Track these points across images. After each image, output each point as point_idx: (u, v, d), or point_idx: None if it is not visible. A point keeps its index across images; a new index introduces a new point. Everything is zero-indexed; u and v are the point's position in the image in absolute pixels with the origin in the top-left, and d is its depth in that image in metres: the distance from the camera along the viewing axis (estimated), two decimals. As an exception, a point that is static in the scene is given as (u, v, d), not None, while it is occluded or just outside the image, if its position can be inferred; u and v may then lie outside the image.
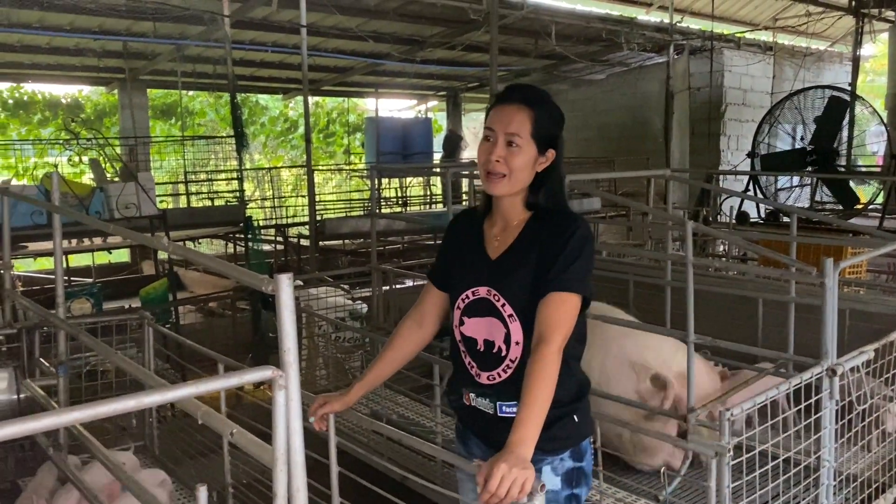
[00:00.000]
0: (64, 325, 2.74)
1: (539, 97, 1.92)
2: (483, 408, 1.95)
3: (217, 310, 8.82)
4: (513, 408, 1.86)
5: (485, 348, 1.93)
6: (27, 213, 5.60)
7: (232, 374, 1.27)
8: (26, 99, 18.48)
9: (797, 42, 14.14)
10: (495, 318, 1.90)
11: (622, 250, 5.92)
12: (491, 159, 1.86)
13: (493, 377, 1.93)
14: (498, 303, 1.90)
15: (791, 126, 9.38)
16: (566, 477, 1.91)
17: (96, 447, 2.28)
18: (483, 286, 1.93)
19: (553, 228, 1.87)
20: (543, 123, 1.88)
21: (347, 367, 5.06)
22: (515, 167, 1.86)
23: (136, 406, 1.11)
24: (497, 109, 1.91)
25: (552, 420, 1.81)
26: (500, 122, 1.88)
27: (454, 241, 2.08)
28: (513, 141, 1.86)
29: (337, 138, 22.63)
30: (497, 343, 1.90)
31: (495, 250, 1.94)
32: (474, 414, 1.98)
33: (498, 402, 1.92)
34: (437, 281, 2.10)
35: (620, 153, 13.94)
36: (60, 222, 2.85)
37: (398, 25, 10.77)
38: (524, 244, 1.91)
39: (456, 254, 2.04)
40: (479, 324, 1.93)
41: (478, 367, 1.96)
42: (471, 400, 1.98)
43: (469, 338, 1.96)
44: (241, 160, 9.16)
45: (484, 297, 1.92)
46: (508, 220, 1.95)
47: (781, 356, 3.18)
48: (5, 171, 13.01)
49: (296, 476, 1.33)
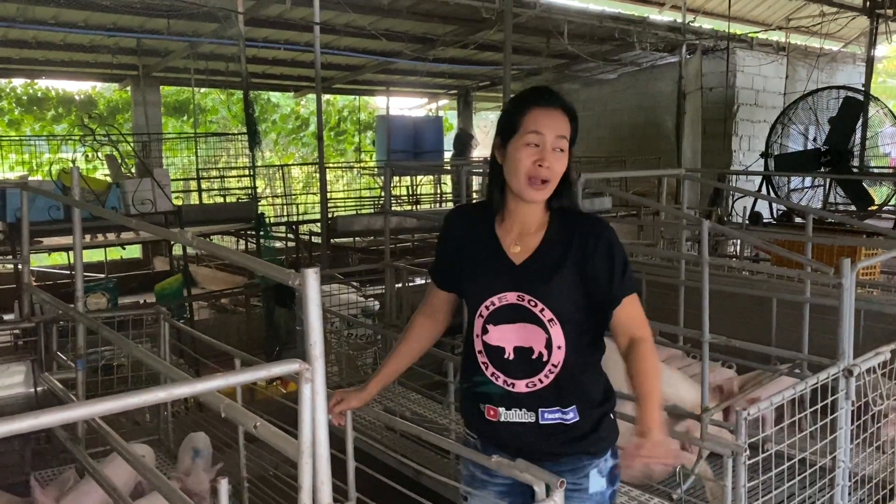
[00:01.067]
0: (84, 320, 2.76)
1: (570, 101, 1.93)
2: (520, 419, 1.87)
3: (229, 306, 8.88)
4: (555, 413, 1.86)
5: (516, 356, 1.86)
6: (44, 209, 5.64)
7: (258, 368, 1.28)
8: (40, 95, 18.60)
9: (810, 42, 14.07)
10: (532, 324, 1.84)
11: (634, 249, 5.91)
12: (544, 165, 1.81)
13: (534, 384, 1.86)
14: (535, 308, 1.84)
15: (804, 126, 9.34)
16: (610, 476, 1.93)
17: (116, 440, 2.30)
18: (511, 292, 1.85)
19: (586, 237, 1.85)
20: (576, 127, 1.89)
21: (360, 364, 5.08)
22: (558, 172, 1.83)
23: (167, 397, 1.13)
24: (542, 113, 1.84)
25: (597, 421, 1.89)
26: (550, 126, 1.83)
27: (458, 242, 1.98)
28: (560, 146, 1.83)
29: (348, 136, 22.67)
30: (537, 349, 1.84)
31: (518, 255, 1.88)
32: (506, 430, 1.89)
33: (539, 409, 1.86)
34: (442, 283, 2.04)
35: (632, 153, 13.91)
36: (80, 217, 2.87)
37: (410, 24, 10.78)
38: (553, 248, 1.87)
39: (465, 257, 1.94)
40: (507, 331, 1.86)
41: (507, 377, 1.87)
42: (500, 415, 1.89)
43: (494, 347, 1.88)
44: (253, 157, 9.20)
45: (514, 303, 1.85)
46: (527, 224, 1.89)
47: (797, 356, 3.17)
48: (19, 167, 13.08)
49: (321, 469, 1.35)
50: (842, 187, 8.50)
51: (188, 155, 11.87)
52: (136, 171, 7.44)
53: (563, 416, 1.86)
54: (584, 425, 1.87)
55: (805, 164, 8.63)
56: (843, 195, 8.68)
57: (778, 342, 3.97)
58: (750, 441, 2.37)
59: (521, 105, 1.89)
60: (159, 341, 3.73)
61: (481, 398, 1.91)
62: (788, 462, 2.47)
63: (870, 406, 2.73)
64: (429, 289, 2.10)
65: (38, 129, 18.33)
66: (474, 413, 1.95)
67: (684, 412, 2.82)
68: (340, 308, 5.10)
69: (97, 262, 10.68)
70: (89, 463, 2.66)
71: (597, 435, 1.89)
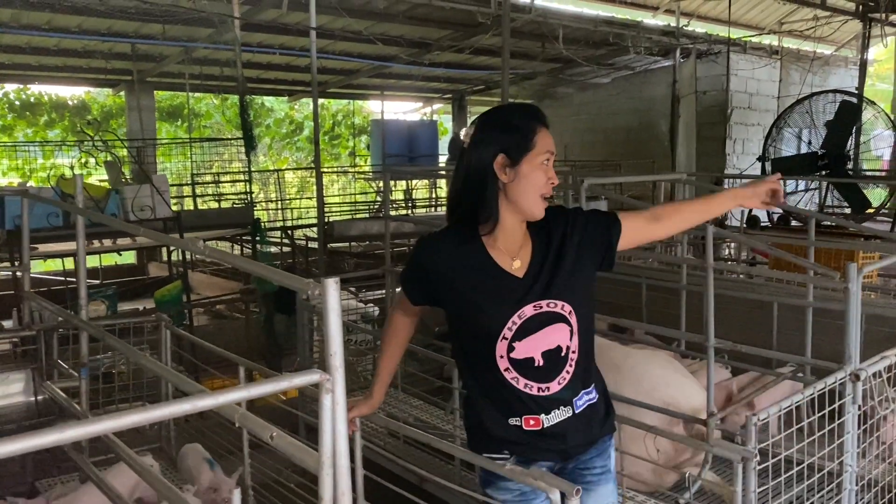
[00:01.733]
0: (87, 327, 2.74)
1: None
2: (561, 417, 1.92)
3: (226, 312, 8.84)
4: (582, 398, 1.96)
5: (545, 360, 1.90)
6: (43, 216, 5.61)
7: (280, 378, 1.27)
8: (33, 100, 18.52)
9: (804, 46, 14.14)
10: (558, 323, 1.91)
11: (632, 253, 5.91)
12: (553, 184, 1.91)
13: (564, 378, 1.92)
14: (556, 308, 1.90)
15: (798, 130, 9.38)
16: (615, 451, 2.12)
17: (123, 450, 2.28)
18: (527, 305, 1.89)
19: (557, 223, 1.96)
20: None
21: (360, 370, 5.06)
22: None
23: (191, 409, 1.12)
24: (545, 132, 1.92)
25: (607, 402, 2.05)
26: (551, 145, 1.93)
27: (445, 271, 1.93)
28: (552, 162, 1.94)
29: (342, 140, 22.66)
30: (564, 344, 1.91)
31: (518, 269, 1.91)
32: (552, 433, 1.92)
33: (574, 400, 1.94)
34: (416, 300, 2.06)
35: (626, 156, 13.95)
36: (84, 224, 2.85)
37: (406, 28, 10.79)
38: (543, 249, 1.94)
39: (463, 285, 1.92)
40: (534, 341, 1.90)
41: (541, 383, 1.91)
42: (542, 422, 1.91)
43: (523, 360, 1.90)
44: (249, 162, 9.18)
45: (534, 314, 1.89)
46: (516, 240, 1.94)
47: (801, 361, 3.18)
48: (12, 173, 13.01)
49: (341, 480, 1.34)
50: (838, 190, 8.54)
51: (183, 160, 11.85)
52: (134, 178, 7.41)
53: (588, 397, 1.97)
54: (601, 403, 2.02)
55: (801, 167, 8.67)
56: (839, 198, 8.72)
57: (779, 346, 3.98)
58: (760, 446, 2.37)
59: (530, 124, 1.91)
60: (160, 348, 3.72)
61: (514, 412, 1.92)
62: (796, 467, 2.47)
63: (876, 410, 2.73)
64: (401, 298, 2.12)
65: (31, 134, 18.26)
66: (507, 429, 1.93)
67: (689, 416, 2.83)
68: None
69: (92, 269, 10.63)
70: (93, 472, 2.64)
71: (610, 414, 2.06)
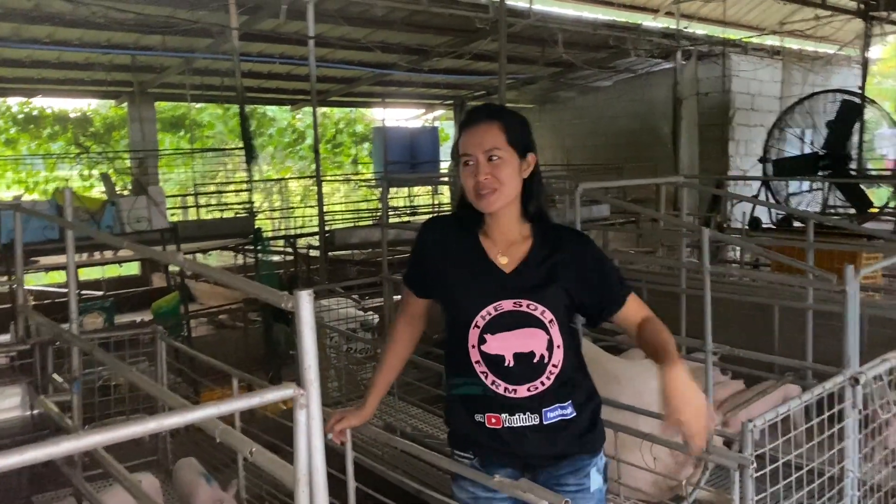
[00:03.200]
0: (77, 341, 2.73)
1: (502, 109, 1.99)
2: (524, 423, 1.89)
3: (228, 322, 8.83)
4: (555, 411, 1.90)
5: (516, 362, 1.88)
6: (39, 228, 5.61)
7: (252, 395, 1.25)
8: (36, 114, 18.58)
9: (805, 46, 14.09)
10: (533, 328, 1.88)
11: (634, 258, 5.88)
12: (479, 180, 1.86)
13: (536, 387, 1.88)
14: (535, 311, 1.88)
15: (801, 130, 9.34)
16: (604, 473, 2.00)
17: (114, 467, 2.26)
18: (507, 300, 1.88)
19: (571, 251, 1.94)
20: (515, 129, 1.91)
21: (360, 379, 5.03)
22: (504, 178, 1.87)
23: (156, 428, 1.10)
24: (467, 133, 1.91)
25: (592, 419, 1.96)
26: (474, 143, 1.89)
27: (439, 255, 2.00)
28: (493, 155, 1.87)
29: (344, 148, 22.69)
30: (538, 351, 1.88)
31: (507, 265, 1.92)
32: (510, 435, 1.90)
33: (542, 410, 1.89)
34: (418, 291, 2.07)
35: (629, 159, 13.91)
36: (74, 238, 2.83)
37: (405, 35, 10.80)
38: (542, 256, 1.92)
39: (451, 268, 1.96)
40: (507, 338, 1.88)
41: (508, 384, 1.89)
42: (503, 422, 1.90)
43: (493, 356, 1.89)
44: (250, 172, 9.19)
45: (511, 310, 1.88)
46: (510, 234, 1.94)
47: (801, 365, 3.14)
48: (16, 186, 13.08)
49: (318, 496, 1.31)
50: (841, 191, 8.48)
51: (185, 170, 11.88)
52: (131, 189, 7.41)
53: (562, 411, 1.90)
54: (581, 420, 1.93)
55: (804, 168, 8.62)
56: (842, 199, 8.66)
57: (780, 349, 3.94)
58: (757, 452, 2.34)
59: (458, 132, 1.98)
60: (157, 361, 3.70)
61: (480, 408, 1.92)
62: (796, 472, 2.43)
63: (877, 414, 2.69)
64: (405, 297, 2.12)
65: (34, 147, 18.32)
66: (471, 426, 1.94)
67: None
68: (339, 322, 5.06)
69: (95, 280, 10.64)
70: (86, 489, 2.62)
71: (593, 433, 1.96)
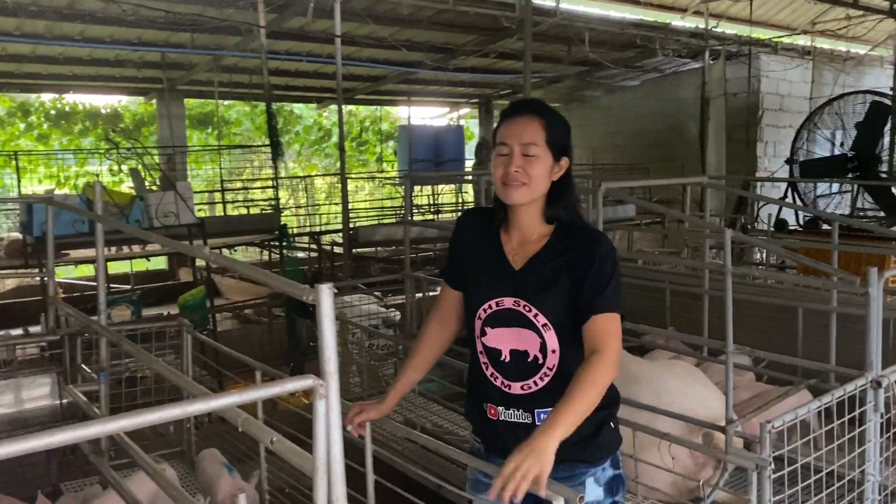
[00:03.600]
0: (106, 333, 2.79)
1: (547, 107, 1.97)
2: (517, 419, 1.92)
3: (253, 316, 8.93)
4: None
5: (512, 358, 1.91)
6: (70, 222, 5.72)
7: (273, 384, 1.28)
8: (68, 110, 18.93)
9: (836, 46, 13.89)
10: (527, 329, 1.89)
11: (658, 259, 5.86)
12: (510, 171, 1.87)
13: (529, 386, 1.90)
14: (529, 313, 1.88)
15: (830, 132, 9.22)
16: (608, 486, 1.93)
17: (139, 454, 2.31)
18: (509, 297, 1.90)
19: (581, 248, 1.89)
20: (556, 131, 1.91)
21: (381, 375, 5.07)
22: (535, 175, 1.87)
23: (180, 415, 1.13)
24: (508, 123, 1.92)
25: (597, 427, 1.89)
26: (514, 134, 1.89)
27: (467, 242, 2.05)
28: (529, 151, 1.87)
29: (370, 146, 22.79)
30: (532, 352, 1.89)
31: (517, 262, 1.93)
32: (505, 428, 1.94)
33: (536, 411, 1.90)
34: (453, 282, 2.09)
35: (655, 160, 13.82)
36: (103, 231, 2.90)
37: (431, 34, 10.82)
38: (550, 259, 1.90)
39: (471, 258, 2.01)
40: (503, 334, 1.91)
41: (505, 378, 1.93)
42: (499, 414, 1.94)
43: (492, 348, 1.94)
44: (276, 169, 9.28)
45: (511, 307, 1.90)
46: (527, 233, 1.95)
47: (822, 367, 3.11)
48: (47, 181, 13.32)
49: (336, 485, 1.34)
50: (869, 193, 8.36)
51: (213, 167, 12.01)
52: (159, 185, 7.53)
53: None
54: (583, 429, 1.81)
55: (831, 169, 8.51)
56: (870, 201, 8.54)
57: (805, 352, 3.90)
58: (776, 454, 2.33)
59: (499, 121, 1.99)
60: (182, 353, 3.76)
61: (484, 398, 1.97)
62: (816, 475, 2.42)
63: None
64: (441, 291, 2.15)
65: (66, 142, 18.66)
66: (478, 413, 2.00)
67: (706, 423, 2.78)
68: (362, 319, 5.11)
69: (123, 274, 10.82)
70: (112, 475, 2.68)
71: (596, 441, 1.90)
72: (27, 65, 11.12)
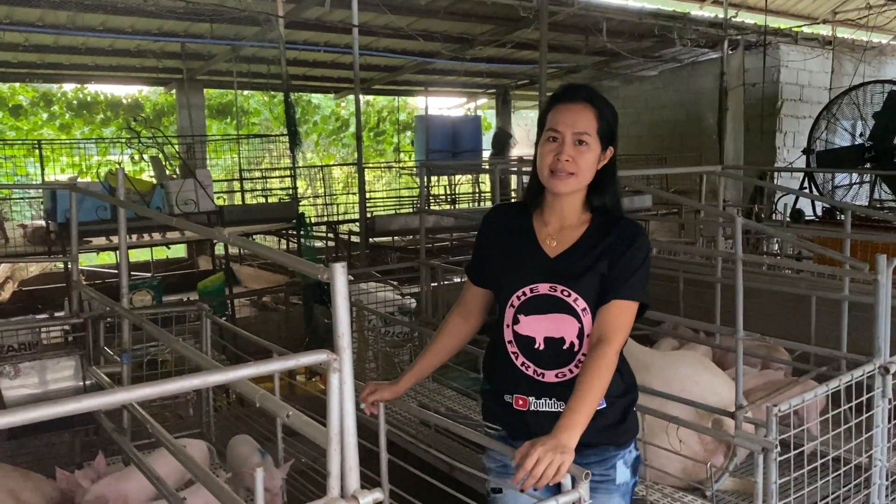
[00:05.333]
0: (128, 315, 2.86)
1: (599, 95, 1.95)
2: (550, 408, 1.90)
3: (270, 304, 9.03)
4: None
5: (546, 346, 1.90)
6: (92, 209, 5.83)
7: (289, 357, 1.34)
8: (89, 99, 19.15)
9: (857, 36, 13.73)
10: (566, 315, 1.88)
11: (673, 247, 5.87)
12: (561, 159, 1.86)
13: (564, 374, 1.89)
14: (569, 298, 1.87)
15: (850, 122, 9.15)
16: (633, 467, 1.97)
17: (159, 431, 2.38)
18: (544, 283, 1.89)
19: (621, 235, 1.90)
20: (606, 119, 1.90)
21: (397, 361, 5.13)
22: (584, 166, 1.87)
23: (200, 385, 1.19)
24: (561, 109, 1.90)
25: (623, 412, 1.92)
26: (567, 122, 1.87)
27: (493, 237, 2.03)
28: (582, 140, 1.86)
29: (387, 136, 22.84)
30: (569, 339, 1.88)
31: (553, 249, 1.92)
32: (533, 418, 1.92)
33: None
34: (475, 278, 2.08)
35: (673, 150, 13.76)
36: (125, 216, 2.97)
37: (448, 24, 10.83)
38: (591, 247, 1.90)
39: (500, 250, 1.99)
40: (539, 321, 1.90)
41: (538, 367, 1.91)
42: (529, 404, 1.92)
43: (525, 336, 1.91)
44: (294, 158, 9.35)
45: (546, 293, 1.89)
46: (567, 220, 1.94)
47: (833, 354, 3.14)
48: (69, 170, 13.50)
49: (349, 456, 1.39)
50: (887, 184, 8.29)
51: (231, 156, 12.11)
52: (179, 173, 7.62)
53: None
54: (611, 414, 1.90)
55: (849, 160, 8.44)
56: (888, 192, 8.47)
57: (818, 341, 3.92)
58: (782, 437, 2.37)
59: (549, 103, 1.96)
60: (201, 337, 3.84)
61: (510, 388, 1.94)
62: (822, 459, 2.45)
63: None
64: (465, 286, 2.14)
65: (88, 132, 18.87)
66: (500, 405, 1.98)
67: (716, 409, 2.82)
68: (377, 306, 5.17)
69: (143, 262, 10.95)
70: (133, 452, 2.76)
71: (624, 425, 1.93)
72: (50, 55, 11.26)
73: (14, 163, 11.85)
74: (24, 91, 18.38)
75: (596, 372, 1.77)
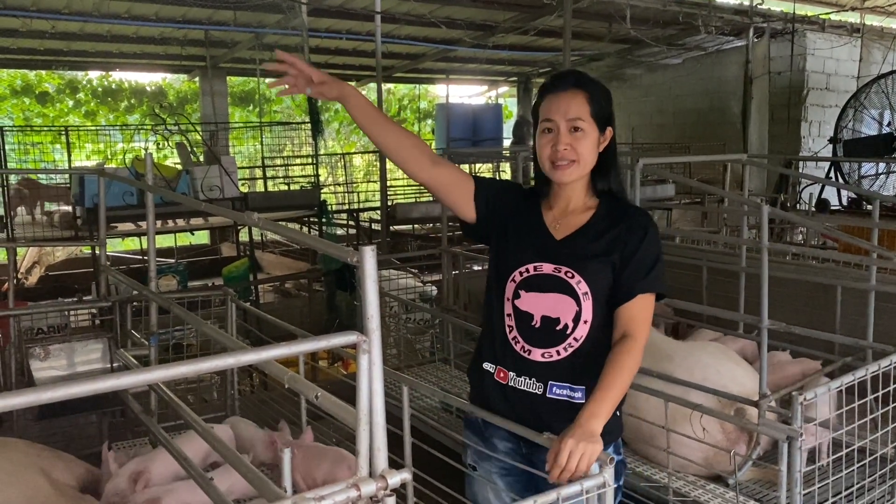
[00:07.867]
0: (156, 298, 2.90)
1: (588, 78, 1.93)
2: (527, 388, 1.90)
3: (293, 290, 9.11)
4: (564, 390, 1.87)
5: (542, 324, 1.89)
6: (119, 194, 5.89)
7: (319, 338, 1.36)
8: (114, 87, 19.33)
9: (887, 23, 13.50)
10: (566, 296, 1.87)
11: (696, 236, 5.83)
12: (559, 149, 1.85)
13: (550, 355, 1.88)
14: (572, 280, 1.87)
15: (878, 111, 9.01)
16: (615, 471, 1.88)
17: (187, 413, 2.42)
18: (548, 263, 1.89)
19: (632, 225, 1.89)
20: (599, 101, 1.89)
21: (418, 347, 5.17)
22: (584, 152, 1.87)
23: (233, 364, 1.21)
24: (551, 99, 1.89)
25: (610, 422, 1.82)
26: (559, 110, 1.87)
27: (511, 203, 2.00)
28: (577, 126, 1.86)
29: (408, 125, 22.82)
30: (564, 320, 1.87)
31: (559, 231, 1.93)
32: (511, 395, 1.91)
33: (549, 382, 1.88)
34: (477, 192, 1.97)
35: (697, 139, 13.64)
36: (153, 201, 3.01)
37: (470, 11, 10.80)
38: (599, 233, 1.90)
39: (511, 219, 1.97)
40: (539, 299, 1.89)
41: (526, 343, 1.90)
42: (509, 379, 1.92)
43: (524, 312, 1.91)
44: (316, 146, 9.39)
45: (550, 273, 1.89)
46: (572, 205, 1.95)
47: (858, 343, 3.11)
48: (95, 156, 13.66)
49: (377, 436, 1.41)
50: (914, 173, 8.18)
51: (254, 143, 12.19)
52: (204, 159, 7.68)
53: (571, 393, 1.88)
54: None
55: (875, 149, 8.33)
56: (917, 182, 8.36)
57: (843, 331, 3.88)
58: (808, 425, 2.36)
59: (539, 95, 1.95)
60: (227, 321, 3.88)
61: (494, 359, 1.95)
62: (847, 449, 2.44)
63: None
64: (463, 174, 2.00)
65: (113, 119, 19.06)
66: (482, 373, 1.98)
67: (740, 398, 2.81)
68: (399, 293, 5.20)
69: (167, 248, 11.08)
70: (161, 434, 2.80)
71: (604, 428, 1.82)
72: (76, 42, 11.39)
73: (41, 149, 12.01)
74: (50, 78, 18.59)
75: (623, 364, 1.76)
